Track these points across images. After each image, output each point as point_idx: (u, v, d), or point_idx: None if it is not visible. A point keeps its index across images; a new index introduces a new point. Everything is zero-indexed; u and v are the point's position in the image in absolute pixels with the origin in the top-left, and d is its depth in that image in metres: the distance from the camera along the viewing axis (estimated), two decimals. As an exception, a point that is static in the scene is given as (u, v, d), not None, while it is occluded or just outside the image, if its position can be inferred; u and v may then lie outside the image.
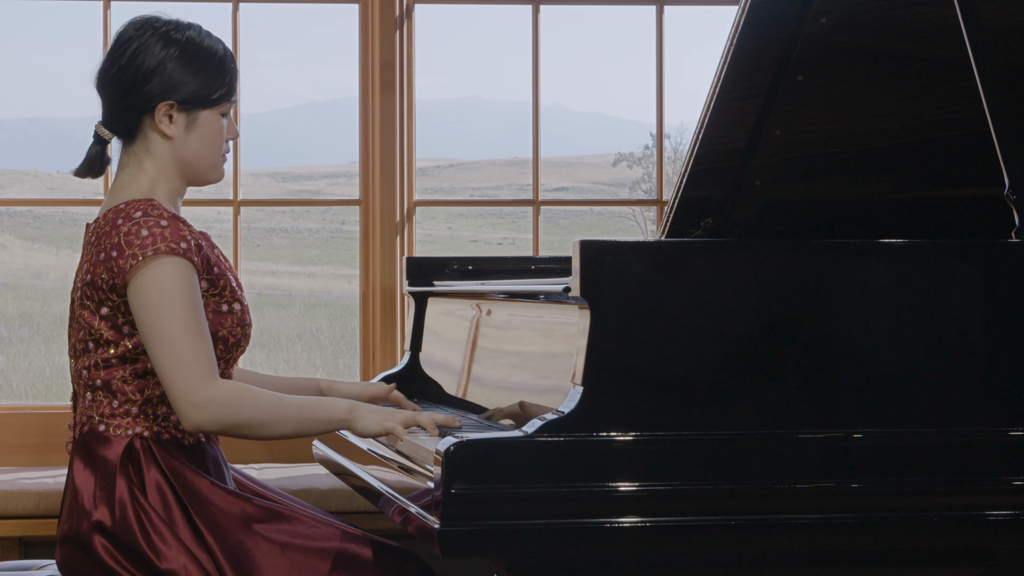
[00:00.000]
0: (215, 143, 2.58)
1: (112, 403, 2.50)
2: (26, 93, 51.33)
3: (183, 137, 2.55)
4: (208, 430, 2.44)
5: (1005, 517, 2.34)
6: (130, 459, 2.48)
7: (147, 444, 2.49)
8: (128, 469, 2.47)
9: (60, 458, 4.02)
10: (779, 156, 3.05)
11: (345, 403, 2.53)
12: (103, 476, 2.48)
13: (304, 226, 25.03)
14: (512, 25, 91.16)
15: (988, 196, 2.73)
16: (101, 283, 2.47)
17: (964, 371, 2.36)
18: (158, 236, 2.44)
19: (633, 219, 23.31)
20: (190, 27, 2.57)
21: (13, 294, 19.92)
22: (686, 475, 2.25)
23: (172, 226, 2.46)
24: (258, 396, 2.46)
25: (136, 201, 2.50)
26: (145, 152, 2.56)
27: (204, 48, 2.55)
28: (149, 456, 2.49)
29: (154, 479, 2.47)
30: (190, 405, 2.42)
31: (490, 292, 2.98)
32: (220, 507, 2.47)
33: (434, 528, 2.19)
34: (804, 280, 2.35)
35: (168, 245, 2.43)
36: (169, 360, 2.41)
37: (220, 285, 2.55)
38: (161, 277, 2.42)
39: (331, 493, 3.63)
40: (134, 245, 2.43)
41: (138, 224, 2.45)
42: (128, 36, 2.55)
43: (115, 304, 2.47)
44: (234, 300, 2.57)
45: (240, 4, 4.19)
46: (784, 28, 2.92)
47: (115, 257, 2.44)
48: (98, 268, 2.48)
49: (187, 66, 2.53)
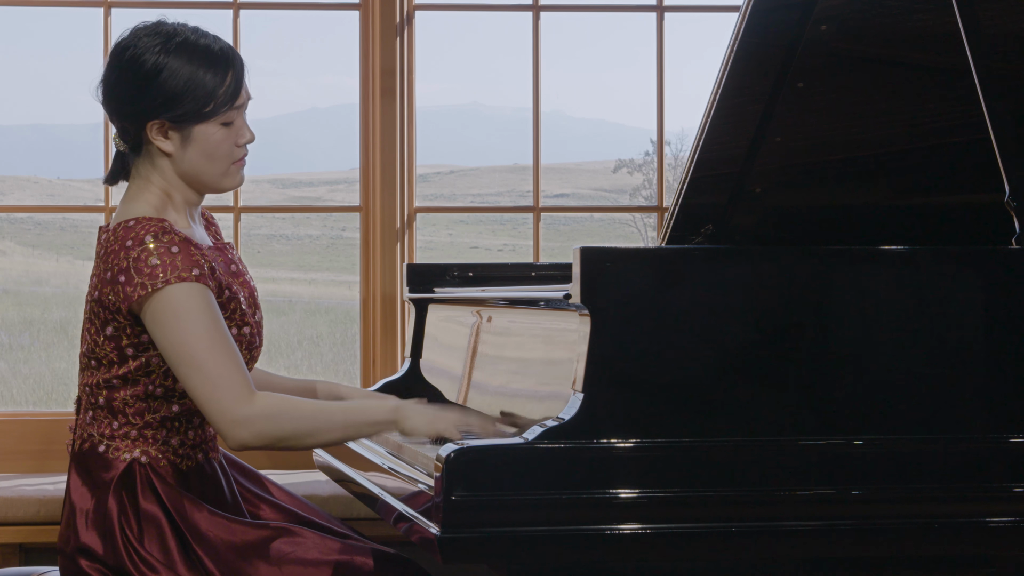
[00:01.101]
0: (217, 154, 2.51)
1: (112, 424, 2.48)
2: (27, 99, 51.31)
3: (181, 152, 2.50)
4: (253, 447, 2.39)
5: (1006, 524, 2.33)
6: (124, 486, 2.46)
7: (145, 471, 2.46)
8: (122, 496, 2.45)
9: (60, 465, 4.02)
10: (779, 163, 3.06)
11: (389, 402, 2.50)
12: (97, 501, 2.46)
13: (305, 232, 25.03)
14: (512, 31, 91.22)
15: (988, 203, 2.74)
16: (107, 303, 2.44)
17: (964, 377, 2.36)
18: (168, 266, 2.38)
19: (633, 226, 23.32)
20: (186, 31, 2.49)
21: (14, 300, 19.92)
22: (687, 482, 2.25)
23: (183, 252, 2.40)
24: (300, 406, 2.42)
25: (147, 221, 2.44)
26: (151, 167, 2.53)
27: (200, 53, 2.47)
28: (146, 485, 2.46)
29: (150, 510, 2.44)
30: (232, 424, 2.36)
31: (490, 299, 2.98)
32: (220, 536, 2.44)
33: (434, 535, 2.19)
34: (804, 287, 2.35)
35: (179, 275, 2.38)
36: (201, 382, 2.36)
37: (231, 308, 2.51)
38: (175, 302, 2.37)
39: (331, 500, 3.63)
40: (143, 274, 2.38)
41: (148, 251, 2.39)
42: (124, 45, 2.50)
43: (120, 325, 2.44)
44: (243, 324, 2.53)
45: (241, 10, 4.19)
46: (784, 35, 2.93)
47: (123, 283, 2.40)
48: (105, 287, 2.44)
49: (179, 78, 2.45)
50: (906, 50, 3.03)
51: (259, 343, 2.58)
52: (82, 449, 2.51)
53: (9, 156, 40.22)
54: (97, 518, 2.45)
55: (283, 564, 2.45)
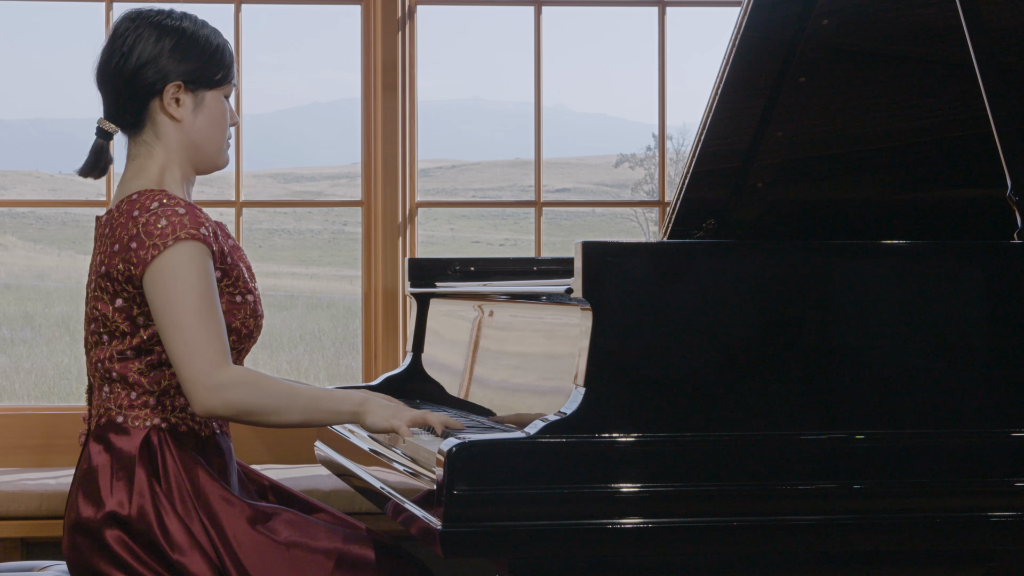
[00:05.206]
0: (221, 124, 2.61)
1: (130, 395, 2.51)
2: (28, 94, 51.34)
3: (191, 119, 2.57)
4: (220, 415, 2.44)
5: (1007, 518, 2.33)
6: (148, 451, 2.48)
7: (164, 437, 2.50)
8: (147, 460, 2.48)
9: (62, 459, 4.02)
10: (781, 157, 3.05)
11: (358, 395, 2.53)
12: (120, 464, 2.48)
13: (306, 227, 25.05)
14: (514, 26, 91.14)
15: (990, 197, 2.73)
16: (117, 274, 2.47)
17: (966, 372, 2.36)
18: (177, 224, 2.44)
19: (635, 220, 23.33)
20: (184, 16, 2.60)
21: (15, 295, 19.93)
22: (688, 476, 2.25)
23: (190, 213, 2.47)
24: (271, 383, 2.47)
25: (150, 192, 2.50)
26: (155, 139, 2.58)
27: (199, 34, 2.58)
28: (167, 450, 2.49)
29: (173, 471, 2.48)
30: (203, 388, 2.41)
31: (492, 293, 2.98)
32: (228, 512, 2.47)
33: (436, 529, 2.19)
34: (806, 281, 2.35)
35: (188, 232, 2.44)
36: (182, 344, 2.42)
37: (233, 276, 2.56)
38: (176, 262, 2.43)
39: (333, 494, 3.63)
40: (154, 235, 2.44)
41: (156, 214, 2.45)
42: (124, 28, 2.57)
43: (130, 295, 2.48)
44: (247, 291, 2.58)
45: (242, 5, 4.19)
46: (786, 30, 2.92)
47: (135, 248, 2.44)
48: (113, 259, 2.48)
49: (185, 51, 2.55)
50: (908, 44, 3.03)
51: (261, 312, 2.62)
52: (99, 424, 2.53)
53: (10, 150, 40.25)
54: (124, 482, 2.47)
55: (290, 547, 2.46)
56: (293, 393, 2.48)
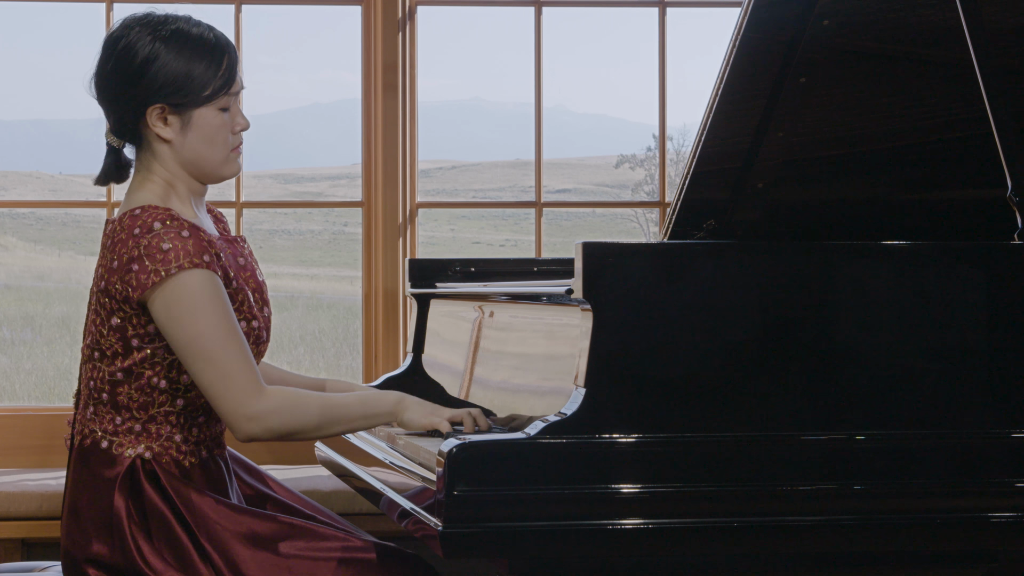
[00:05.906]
0: (217, 139, 2.52)
1: (115, 419, 2.47)
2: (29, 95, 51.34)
3: (181, 139, 2.50)
4: (262, 439, 2.42)
5: (1008, 519, 2.33)
6: (130, 484, 2.45)
7: (150, 467, 2.46)
8: (127, 494, 2.44)
9: (62, 460, 4.02)
10: (782, 158, 3.05)
11: (393, 394, 2.52)
12: (103, 501, 2.45)
13: (306, 228, 25.03)
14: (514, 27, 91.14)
15: (990, 198, 2.73)
16: (115, 292, 2.42)
17: (967, 373, 2.36)
18: (180, 250, 2.38)
19: (636, 221, 23.31)
20: (173, 34, 2.49)
21: (15, 296, 19.92)
22: (689, 477, 2.25)
23: (194, 237, 2.40)
24: (308, 400, 2.44)
25: (153, 209, 2.44)
26: (152, 157, 2.52)
27: (193, 40, 2.48)
28: (152, 479, 2.46)
29: (157, 506, 2.44)
30: (244, 419, 2.39)
31: (492, 294, 2.98)
32: (224, 525, 2.44)
33: (436, 530, 2.19)
34: (807, 282, 2.35)
35: (191, 260, 2.38)
36: (216, 378, 2.38)
37: (239, 300, 2.51)
38: (189, 292, 2.37)
39: (333, 495, 3.63)
40: (156, 260, 2.38)
41: (158, 236, 2.39)
42: (116, 36, 2.50)
43: (127, 315, 2.43)
44: (252, 317, 2.53)
45: (243, 6, 4.19)
46: (787, 30, 2.92)
47: (135, 270, 2.39)
48: (112, 277, 2.43)
49: (177, 62, 2.46)
50: (908, 45, 3.03)
51: (266, 338, 2.58)
52: (83, 445, 2.50)
53: (11, 151, 40.22)
54: (104, 521, 2.44)
55: (290, 558, 2.45)
56: (331, 406, 2.46)
